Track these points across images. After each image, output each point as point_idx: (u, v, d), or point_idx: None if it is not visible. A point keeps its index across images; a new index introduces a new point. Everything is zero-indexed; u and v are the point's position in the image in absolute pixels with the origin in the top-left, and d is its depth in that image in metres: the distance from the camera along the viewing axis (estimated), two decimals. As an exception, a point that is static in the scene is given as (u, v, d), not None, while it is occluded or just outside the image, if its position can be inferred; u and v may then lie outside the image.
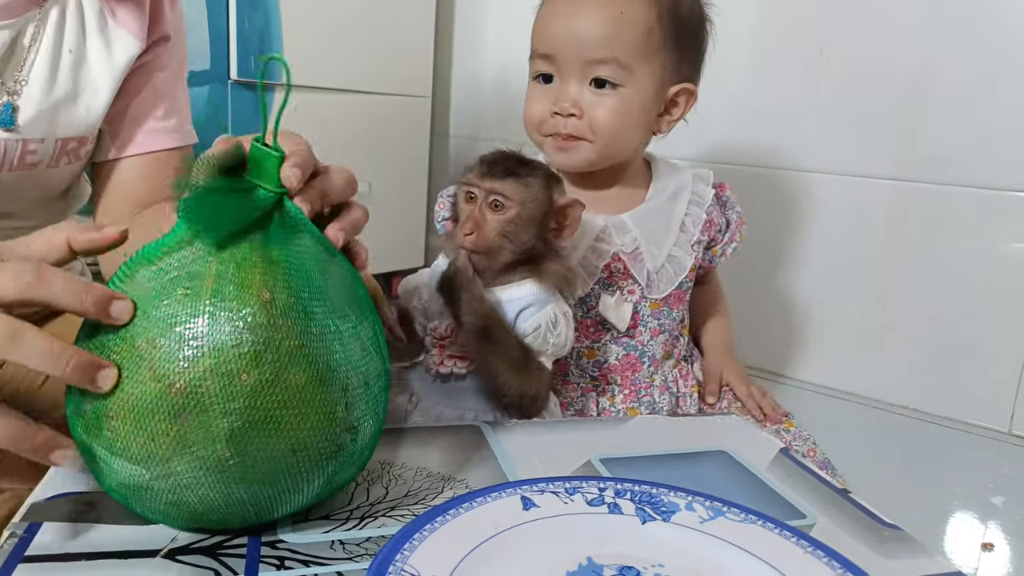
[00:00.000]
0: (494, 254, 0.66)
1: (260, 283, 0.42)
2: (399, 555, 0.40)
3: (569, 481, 0.49)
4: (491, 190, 0.65)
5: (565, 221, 0.68)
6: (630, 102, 0.80)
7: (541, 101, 0.82)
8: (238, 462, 0.40)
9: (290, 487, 0.43)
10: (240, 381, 0.40)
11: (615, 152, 0.83)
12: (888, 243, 1.44)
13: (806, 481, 0.56)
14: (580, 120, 0.80)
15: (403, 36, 1.84)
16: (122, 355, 0.41)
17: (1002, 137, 1.30)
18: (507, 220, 0.65)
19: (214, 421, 0.40)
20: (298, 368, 0.42)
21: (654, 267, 0.84)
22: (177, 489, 0.41)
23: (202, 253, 0.42)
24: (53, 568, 0.40)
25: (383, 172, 1.84)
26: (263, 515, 0.44)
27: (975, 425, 1.37)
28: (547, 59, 0.81)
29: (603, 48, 0.78)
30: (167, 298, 0.41)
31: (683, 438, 0.63)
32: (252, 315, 0.41)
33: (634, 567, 0.42)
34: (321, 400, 0.42)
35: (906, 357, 1.44)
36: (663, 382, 0.87)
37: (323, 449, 0.43)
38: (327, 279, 0.45)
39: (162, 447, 0.40)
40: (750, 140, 1.51)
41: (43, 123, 0.71)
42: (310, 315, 0.43)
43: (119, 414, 0.40)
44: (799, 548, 0.44)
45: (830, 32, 1.45)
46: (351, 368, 0.44)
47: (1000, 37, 1.29)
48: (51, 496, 0.47)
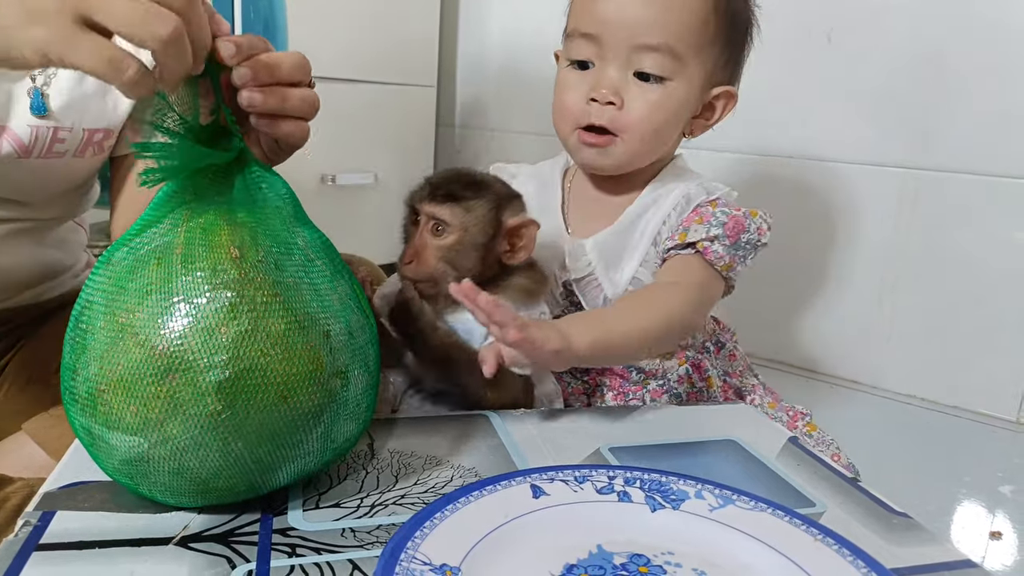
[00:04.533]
0: (438, 282, 0.63)
1: (228, 242, 0.43)
2: (410, 543, 0.40)
3: (579, 469, 0.49)
4: (431, 215, 0.63)
5: (519, 242, 0.65)
6: (674, 98, 0.72)
7: (577, 87, 0.73)
8: (230, 415, 0.41)
9: (289, 441, 0.44)
10: (220, 334, 0.41)
11: (647, 152, 0.75)
12: (897, 231, 1.43)
13: (815, 469, 0.56)
14: (618, 111, 0.71)
15: (408, 25, 1.84)
16: (107, 331, 0.42)
17: (1013, 124, 1.29)
18: (447, 246, 0.63)
19: (201, 376, 0.41)
20: (275, 316, 0.43)
21: (614, 292, 0.75)
22: (177, 454, 0.42)
23: (170, 226, 0.44)
24: (67, 556, 0.41)
25: (388, 161, 1.84)
26: (269, 476, 0.45)
27: (983, 414, 1.37)
28: (590, 40, 0.72)
29: (656, 33, 0.70)
30: (141, 270, 0.43)
31: (692, 427, 0.63)
32: (223, 271, 0.42)
33: (644, 555, 0.42)
34: (303, 346, 0.43)
35: (914, 346, 1.44)
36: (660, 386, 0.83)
37: (313, 395, 0.44)
38: (295, 237, 0.47)
39: (155, 411, 0.41)
40: (755, 128, 1.50)
41: (73, 112, 0.72)
42: (281, 268, 0.45)
43: (110, 387, 0.41)
44: (809, 536, 0.44)
45: (838, 18, 1.44)
46: (331, 316, 0.46)
47: (1011, 23, 1.28)
48: (64, 485, 0.47)
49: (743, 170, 1.53)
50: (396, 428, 0.59)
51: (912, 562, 0.44)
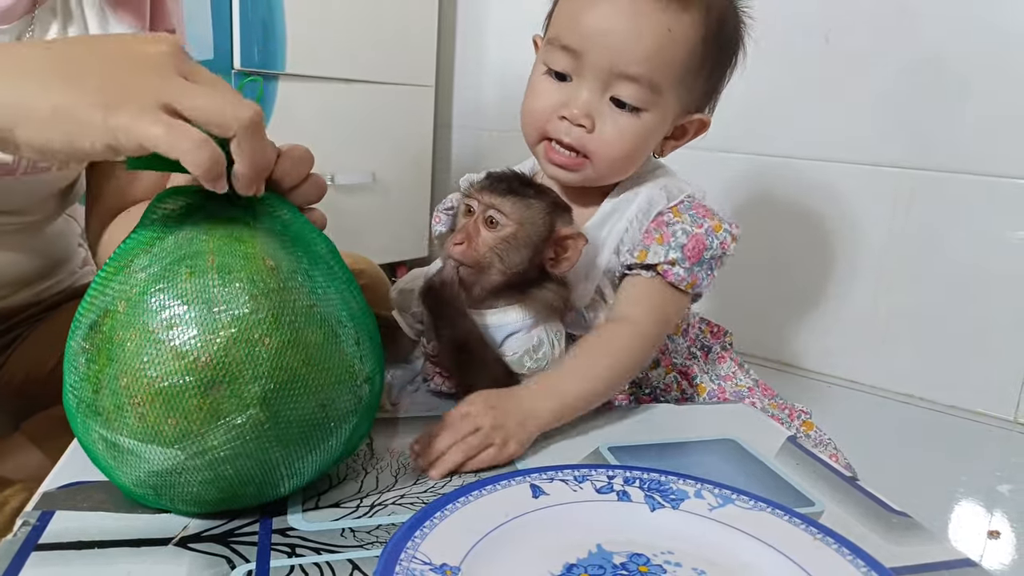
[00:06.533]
0: (483, 270, 0.63)
1: (261, 252, 0.43)
2: (410, 543, 0.40)
3: (578, 469, 0.49)
4: (489, 204, 0.63)
5: (564, 253, 0.65)
6: (646, 128, 0.70)
7: (550, 99, 0.71)
8: (272, 424, 0.41)
9: (320, 444, 0.44)
10: (264, 345, 0.41)
11: (614, 174, 0.74)
12: (893, 231, 1.44)
13: (814, 469, 0.56)
14: (588, 133, 0.69)
15: (407, 25, 1.83)
16: (137, 342, 0.41)
17: (1010, 125, 1.30)
18: (501, 238, 0.63)
19: (246, 387, 0.40)
20: (314, 327, 0.43)
21: (581, 303, 0.72)
22: (214, 464, 0.41)
23: (195, 233, 0.44)
24: (66, 556, 0.40)
25: (386, 161, 1.84)
26: (294, 480, 0.45)
27: (981, 413, 1.37)
28: (570, 54, 0.69)
29: (640, 64, 0.67)
30: (172, 279, 0.42)
31: (691, 426, 0.63)
32: (261, 281, 0.42)
33: (644, 554, 0.42)
34: (339, 355, 0.44)
35: (912, 345, 1.44)
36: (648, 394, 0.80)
37: (348, 402, 0.45)
38: (317, 245, 0.47)
39: (196, 423, 0.40)
40: (751, 128, 1.50)
41: None
42: (312, 278, 0.45)
43: (146, 400, 0.40)
44: (808, 535, 0.44)
45: (836, 19, 1.44)
46: (358, 324, 0.46)
47: (1008, 25, 1.28)
48: (64, 485, 0.47)
49: (740, 170, 1.53)
50: (396, 428, 0.59)
51: (911, 561, 0.44)
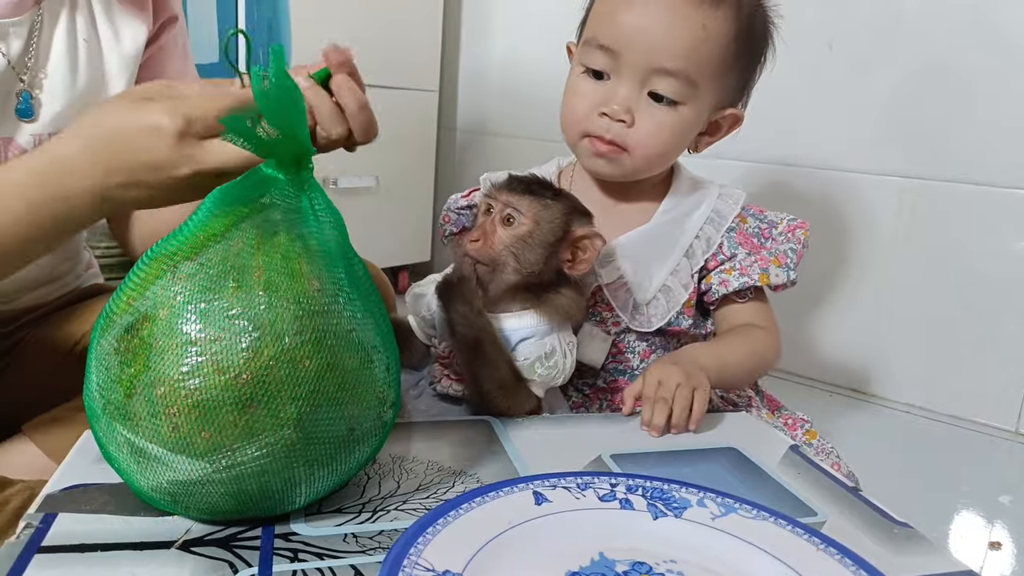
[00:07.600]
0: (498, 268, 0.64)
1: (308, 273, 0.43)
2: (413, 549, 0.40)
3: (581, 477, 0.49)
4: (507, 202, 0.64)
5: (582, 254, 0.65)
6: (683, 121, 0.73)
7: (589, 97, 0.74)
8: (304, 445, 0.42)
9: (342, 463, 0.45)
10: (304, 367, 0.41)
11: (651, 168, 0.77)
12: (897, 240, 1.44)
13: (816, 478, 0.56)
14: (628, 128, 0.73)
15: (411, 29, 1.84)
16: (179, 352, 0.40)
17: (1016, 134, 1.30)
18: (517, 236, 0.63)
19: (283, 408, 0.41)
20: (351, 351, 0.44)
21: (643, 298, 0.76)
22: (240, 479, 0.41)
23: (243, 246, 0.43)
24: (68, 559, 0.40)
25: (390, 166, 1.84)
26: (312, 492, 0.45)
27: (983, 424, 1.37)
28: (607, 53, 0.72)
29: (676, 59, 0.70)
30: (218, 291, 0.41)
31: (693, 435, 0.63)
32: (307, 303, 0.42)
33: (646, 563, 0.42)
34: (371, 381, 0.45)
35: (914, 356, 1.44)
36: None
37: (373, 426, 0.46)
38: (355, 267, 0.47)
39: (229, 438, 0.40)
40: (754, 135, 1.50)
41: (71, 117, 0.71)
42: (352, 301, 0.45)
43: (182, 410, 0.40)
44: (811, 545, 0.44)
45: (839, 26, 1.44)
46: (386, 350, 0.47)
47: (1014, 33, 1.28)
48: (66, 487, 0.47)
49: (745, 178, 1.53)
50: (399, 433, 0.59)
51: (913, 572, 0.44)
